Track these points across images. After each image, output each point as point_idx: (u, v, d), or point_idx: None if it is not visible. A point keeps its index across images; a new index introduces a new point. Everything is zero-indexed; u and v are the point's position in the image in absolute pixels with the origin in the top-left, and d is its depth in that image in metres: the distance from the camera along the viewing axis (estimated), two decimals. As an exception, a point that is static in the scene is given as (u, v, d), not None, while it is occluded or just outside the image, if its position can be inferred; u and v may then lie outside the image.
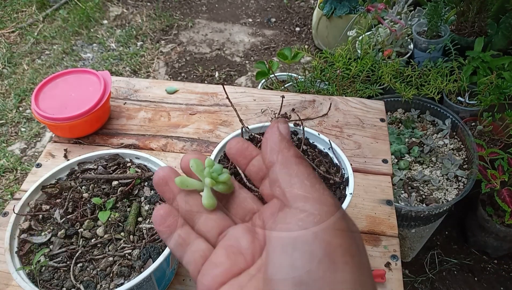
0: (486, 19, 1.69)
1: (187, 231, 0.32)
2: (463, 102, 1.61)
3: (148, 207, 0.62)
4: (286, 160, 0.28)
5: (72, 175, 0.67)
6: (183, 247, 0.32)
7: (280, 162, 0.29)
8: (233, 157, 0.34)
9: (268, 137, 0.30)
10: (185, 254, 0.31)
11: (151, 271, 0.53)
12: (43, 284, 0.54)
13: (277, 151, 0.29)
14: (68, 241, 0.58)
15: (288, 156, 0.29)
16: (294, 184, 0.27)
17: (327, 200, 0.27)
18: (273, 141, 0.29)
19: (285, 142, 0.29)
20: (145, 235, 0.58)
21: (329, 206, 0.26)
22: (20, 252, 0.57)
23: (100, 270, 0.55)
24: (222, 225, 0.32)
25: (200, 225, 0.32)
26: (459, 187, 1.43)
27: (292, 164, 0.28)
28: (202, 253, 0.31)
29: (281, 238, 0.26)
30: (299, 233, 0.25)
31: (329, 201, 0.27)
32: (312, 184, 0.27)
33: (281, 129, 0.30)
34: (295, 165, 0.28)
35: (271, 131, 0.30)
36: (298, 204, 0.26)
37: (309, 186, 0.27)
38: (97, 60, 2.46)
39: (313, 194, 0.27)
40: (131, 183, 0.64)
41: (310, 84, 1.43)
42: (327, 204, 0.26)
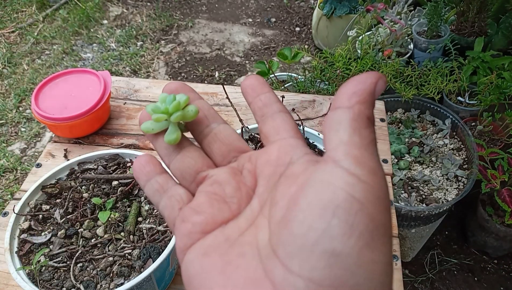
0: (486, 19, 1.69)
1: (165, 178, 0.30)
2: (463, 102, 1.61)
3: (148, 207, 0.62)
4: (358, 116, 0.24)
5: (72, 175, 0.67)
6: (160, 193, 0.29)
7: (350, 114, 0.24)
8: (245, 90, 0.31)
9: (355, 80, 0.25)
10: (161, 200, 0.29)
11: (151, 271, 0.53)
12: (43, 284, 0.54)
13: (355, 101, 0.24)
14: (68, 241, 0.58)
15: (363, 113, 0.24)
16: (354, 144, 0.23)
17: (381, 173, 0.23)
18: (360, 88, 0.24)
19: (370, 100, 0.24)
20: (145, 235, 0.58)
21: (381, 180, 0.23)
22: (20, 252, 0.57)
23: (100, 270, 0.55)
24: (200, 164, 0.30)
25: (176, 164, 0.30)
26: (459, 187, 1.43)
27: (363, 124, 0.24)
28: (179, 198, 0.29)
29: (320, 199, 0.22)
30: (345, 198, 0.22)
31: (382, 174, 0.23)
32: (372, 151, 0.24)
33: (377, 84, 0.25)
34: (364, 128, 0.24)
35: (365, 77, 0.24)
36: (350, 166, 0.23)
37: (368, 152, 0.23)
38: (97, 60, 2.46)
39: (369, 162, 0.23)
40: (131, 183, 0.64)
41: (310, 84, 1.43)
42: (380, 177, 0.23)
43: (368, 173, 0.23)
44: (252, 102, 0.30)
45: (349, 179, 0.22)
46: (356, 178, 0.22)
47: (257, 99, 0.30)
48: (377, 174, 0.23)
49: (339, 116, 0.24)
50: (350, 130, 0.24)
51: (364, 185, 0.22)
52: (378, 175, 0.23)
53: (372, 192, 0.22)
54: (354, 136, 0.23)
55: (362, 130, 0.24)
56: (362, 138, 0.24)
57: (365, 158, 0.23)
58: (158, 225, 0.59)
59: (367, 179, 0.22)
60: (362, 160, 0.23)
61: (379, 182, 0.23)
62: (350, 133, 0.23)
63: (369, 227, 0.22)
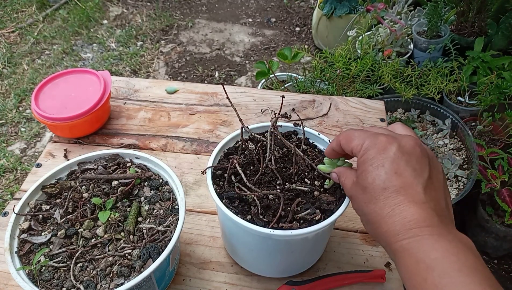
0: (486, 19, 1.68)
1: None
2: (463, 102, 1.61)
3: (148, 207, 0.62)
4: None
5: (72, 175, 0.67)
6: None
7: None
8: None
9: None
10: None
11: (151, 271, 0.53)
12: (43, 284, 0.54)
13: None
14: (68, 241, 0.58)
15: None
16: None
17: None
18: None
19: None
20: (145, 235, 0.58)
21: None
22: (20, 252, 0.57)
23: (100, 270, 0.55)
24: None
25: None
26: (459, 187, 1.43)
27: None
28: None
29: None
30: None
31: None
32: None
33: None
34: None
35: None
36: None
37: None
38: (97, 60, 2.46)
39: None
40: (131, 183, 0.64)
41: (310, 84, 1.43)
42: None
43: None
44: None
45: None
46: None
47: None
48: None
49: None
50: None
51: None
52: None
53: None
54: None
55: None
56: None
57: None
58: (158, 225, 0.59)
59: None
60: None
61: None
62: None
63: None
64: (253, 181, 0.59)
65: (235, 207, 0.57)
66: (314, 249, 0.64)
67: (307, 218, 0.55)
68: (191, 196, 0.79)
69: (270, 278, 0.67)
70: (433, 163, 0.44)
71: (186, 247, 0.71)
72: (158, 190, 0.65)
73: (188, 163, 0.85)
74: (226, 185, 0.59)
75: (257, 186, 0.58)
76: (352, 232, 0.73)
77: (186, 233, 0.73)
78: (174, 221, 0.60)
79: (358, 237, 0.72)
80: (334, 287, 0.65)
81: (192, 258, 0.70)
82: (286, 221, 0.55)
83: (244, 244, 0.61)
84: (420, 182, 0.41)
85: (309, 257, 0.65)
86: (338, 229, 0.74)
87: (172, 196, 0.64)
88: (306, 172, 0.61)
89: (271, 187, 0.59)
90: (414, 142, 0.44)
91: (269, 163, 0.60)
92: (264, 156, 0.61)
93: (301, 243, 0.58)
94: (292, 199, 0.57)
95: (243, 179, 0.58)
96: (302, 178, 0.60)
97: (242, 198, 0.58)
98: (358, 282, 0.66)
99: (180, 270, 0.68)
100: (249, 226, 0.53)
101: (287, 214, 0.55)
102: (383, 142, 0.44)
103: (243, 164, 0.61)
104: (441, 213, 0.41)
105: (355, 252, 0.70)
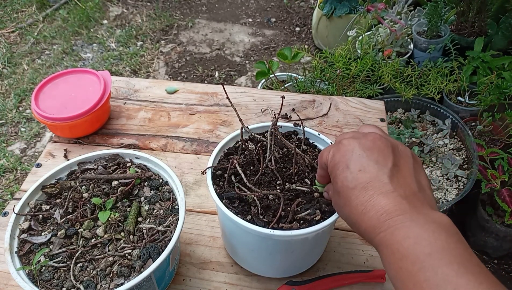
0: (486, 19, 1.68)
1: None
2: (463, 102, 1.61)
3: (148, 207, 0.62)
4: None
5: (72, 175, 0.67)
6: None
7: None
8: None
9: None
10: None
11: (151, 271, 0.53)
12: (43, 284, 0.54)
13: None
14: (68, 241, 0.58)
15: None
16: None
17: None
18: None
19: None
20: (145, 235, 0.58)
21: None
22: (20, 252, 0.57)
23: (100, 270, 0.55)
24: None
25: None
26: (459, 187, 1.43)
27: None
28: None
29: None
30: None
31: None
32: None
33: None
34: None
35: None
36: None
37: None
38: (97, 60, 2.46)
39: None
40: (131, 183, 0.64)
41: (310, 84, 1.43)
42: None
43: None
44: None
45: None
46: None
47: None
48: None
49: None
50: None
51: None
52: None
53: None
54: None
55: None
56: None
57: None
58: (158, 225, 0.59)
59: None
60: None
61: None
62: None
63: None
64: (253, 181, 0.59)
65: (235, 207, 0.57)
66: (314, 249, 0.64)
67: (307, 219, 0.55)
68: (191, 196, 0.79)
69: (270, 278, 0.67)
70: (399, 150, 0.45)
71: (186, 247, 0.71)
72: (158, 190, 0.65)
73: (188, 163, 0.85)
74: (226, 185, 0.59)
75: (257, 186, 0.58)
76: (352, 232, 0.73)
77: (186, 233, 0.73)
78: (174, 221, 0.60)
79: (358, 237, 0.72)
80: (334, 287, 0.65)
81: (192, 258, 0.70)
82: (286, 222, 0.55)
83: (244, 244, 0.61)
84: (385, 173, 0.42)
85: (309, 257, 0.65)
86: (338, 229, 0.74)
87: (172, 196, 0.64)
88: (306, 172, 0.61)
89: (271, 187, 0.59)
90: (374, 137, 0.46)
91: (269, 163, 0.60)
92: (264, 156, 0.61)
93: (301, 243, 0.58)
94: (292, 200, 0.57)
95: (243, 179, 0.58)
96: (302, 179, 0.60)
97: (242, 198, 0.57)
98: (358, 282, 0.66)
99: (180, 270, 0.68)
100: (249, 226, 0.53)
101: (287, 215, 0.55)
102: (345, 146, 0.45)
103: (243, 164, 0.61)
104: (412, 197, 0.41)
105: (355, 252, 0.70)
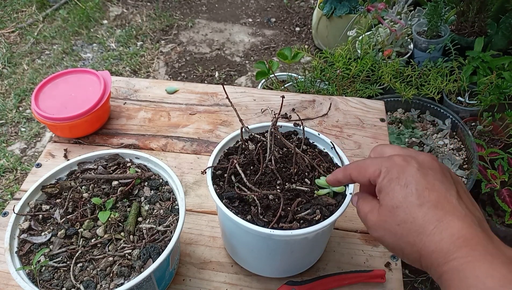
0: (486, 19, 1.68)
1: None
2: (463, 102, 1.61)
3: (148, 207, 0.62)
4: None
5: (72, 175, 0.67)
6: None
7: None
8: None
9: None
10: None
11: (151, 271, 0.53)
12: (43, 284, 0.54)
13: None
14: (68, 241, 0.58)
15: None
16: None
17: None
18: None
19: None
20: (145, 235, 0.58)
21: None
22: (20, 252, 0.57)
23: (100, 270, 0.55)
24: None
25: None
26: (459, 187, 1.43)
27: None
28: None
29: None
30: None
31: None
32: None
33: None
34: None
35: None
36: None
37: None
38: (97, 60, 2.46)
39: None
40: (131, 183, 0.64)
41: (310, 84, 1.43)
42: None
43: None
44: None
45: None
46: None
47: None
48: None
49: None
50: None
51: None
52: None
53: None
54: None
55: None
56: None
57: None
58: (158, 225, 0.59)
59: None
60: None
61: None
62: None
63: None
64: (253, 181, 0.59)
65: (235, 207, 0.57)
66: (314, 249, 0.64)
67: (307, 218, 0.55)
68: (191, 196, 0.79)
69: (270, 278, 0.67)
70: (454, 176, 0.44)
71: (186, 247, 0.71)
72: (158, 190, 0.65)
73: (188, 163, 0.85)
74: (226, 185, 0.59)
75: (257, 186, 0.58)
76: (352, 232, 0.73)
77: (186, 233, 0.73)
78: (174, 221, 0.60)
79: (358, 237, 0.72)
80: (334, 287, 0.65)
81: (192, 258, 0.70)
82: (286, 221, 0.55)
83: (244, 244, 0.61)
84: (453, 195, 0.40)
85: (309, 257, 0.65)
86: (338, 229, 0.74)
87: (172, 196, 0.64)
88: (306, 172, 0.61)
89: (271, 187, 0.59)
90: (430, 158, 0.43)
91: (269, 163, 0.60)
92: (264, 156, 0.61)
93: (301, 243, 0.58)
94: (292, 199, 0.57)
95: (243, 179, 0.58)
96: (302, 178, 0.60)
97: (242, 198, 0.58)
98: (358, 282, 0.66)
99: (180, 270, 0.68)
100: (249, 226, 0.53)
101: (287, 214, 0.55)
102: (401, 161, 0.42)
103: (243, 164, 0.61)
104: (483, 227, 0.39)
105: (355, 252, 0.70)
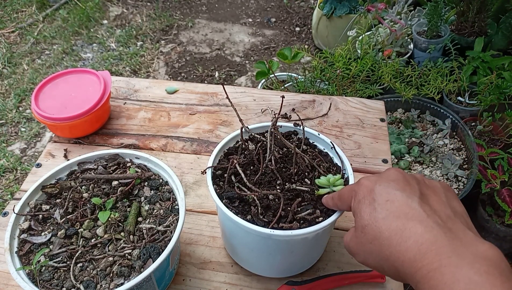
0: (486, 19, 1.68)
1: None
2: (463, 102, 1.61)
3: (148, 207, 0.62)
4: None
5: (72, 175, 0.67)
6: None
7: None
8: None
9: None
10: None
11: (151, 271, 0.53)
12: (43, 284, 0.54)
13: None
14: (68, 241, 0.58)
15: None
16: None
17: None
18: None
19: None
20: (145, 235, 0.58)
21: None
22: (20, 252, 0.57)
23: (100, 270, 0.55)
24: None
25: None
26: (459, 187, 1.43)
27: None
28: None
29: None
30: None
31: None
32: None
33: None
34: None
35: None
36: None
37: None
38: (97, 60, 2.46)
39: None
40: (131, 183, 0.64)
41: (310, 84, 1.43)
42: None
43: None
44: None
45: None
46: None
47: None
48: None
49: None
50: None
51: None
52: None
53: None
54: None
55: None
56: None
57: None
58: (158, 225, 0.59)
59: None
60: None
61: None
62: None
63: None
64: (253, 181, 0.59)
65: (235, 207, 0.57)
66: (314, 249, 0.64)
67: (307, 218, 0.55)
68: (191, 196, 0.79)
69: (270, 278, 0.67)
70: (424, 182, 0.45)
71: (186, 247, 0.71)
72: (158, 190, 0.65)
73: (188, 163, 0.85)
74: (226, 185, 0.59)
75: (257, 186, 0.58)
76: (352, 232, 0.73)
77: (186, 233, 0.73)
78: (174, 221, 0.60)
79: (358, 237, 0.72)
80: (334, 287, 0.65)
81: (192, 258, 0.70)
82: (286, 221, 0.55)
83: (244, 244, 0.61)
84: (415, 200, 0.41)
85: (309, 257, 0.65)
86: (338, 229, 0.74)
87: (172, 196, 0.64)
88: (306, 172, 0.61)
89: (271, 187, 0.59)
90: (396, 171, 0.46)
91: (269, 163, 0.60)
92: (264, 156, 0.61)
93: (301, 243, 0.58)
94: (292, 199, 0.57)
95: (243, 179, 0.58)
96: (302, 178, 0.60)
97: (242, 198, 0.58)
98: (358, 282, 0.66)
99: (180, 270, 0.68)
100: (249, 226, 0.53)
101: (287, 214, 0.55)
102: (368, 182, 0.46)
103: (243, 164, 0.61)
104: (449, 223, 0.39)
105: (355, 252, 0.70)
